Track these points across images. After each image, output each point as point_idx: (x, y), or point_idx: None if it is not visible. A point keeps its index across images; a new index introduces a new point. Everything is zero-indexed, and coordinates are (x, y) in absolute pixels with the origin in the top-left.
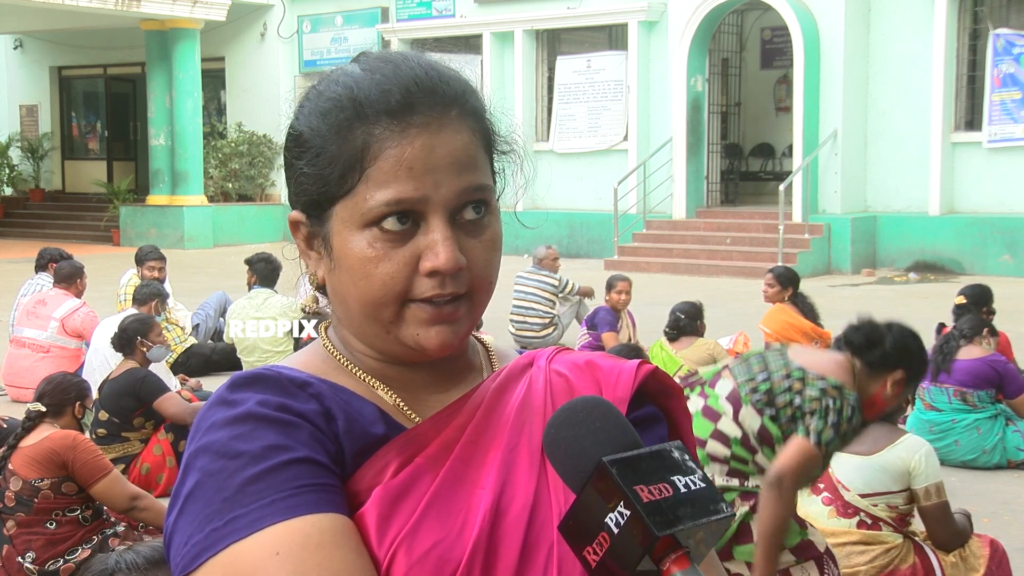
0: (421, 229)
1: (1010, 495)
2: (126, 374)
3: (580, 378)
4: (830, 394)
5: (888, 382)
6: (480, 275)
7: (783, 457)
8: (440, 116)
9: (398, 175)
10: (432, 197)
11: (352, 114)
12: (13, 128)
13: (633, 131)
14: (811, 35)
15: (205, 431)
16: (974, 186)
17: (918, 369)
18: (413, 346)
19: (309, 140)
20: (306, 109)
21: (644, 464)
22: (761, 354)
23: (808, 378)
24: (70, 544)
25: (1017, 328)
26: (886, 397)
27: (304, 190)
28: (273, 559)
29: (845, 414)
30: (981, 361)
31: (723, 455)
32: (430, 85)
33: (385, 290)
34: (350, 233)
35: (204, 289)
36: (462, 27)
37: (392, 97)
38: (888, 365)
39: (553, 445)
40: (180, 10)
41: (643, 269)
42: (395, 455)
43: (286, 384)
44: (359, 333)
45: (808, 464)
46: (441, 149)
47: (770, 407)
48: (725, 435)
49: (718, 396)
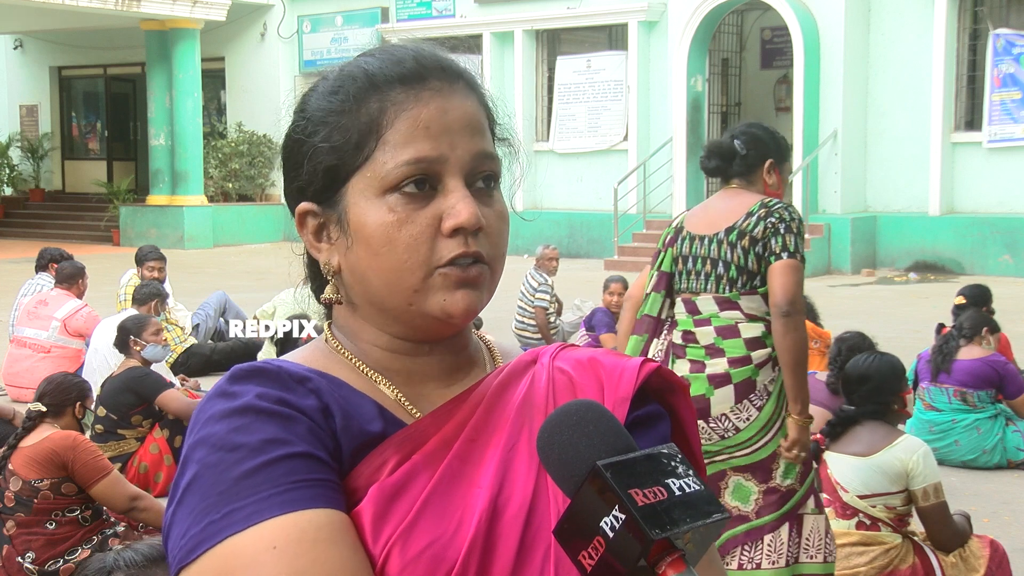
0: (439, 192)
1: (1010, 495)
2: (126, 372)
3: (583, 375)
4: (773, 211)
5: (764, 178)
6: (495, 242)
7: (776, 286)
8: (450, 84)
9: (415, 135)
10: (449, 157)
11: (365, 84)
12: (13, 128)
13: (633, 131)
14: (811, 35)
15: (204, 423)
16: (974, 186)
17: (776, 148)
18: (439, 314)
19: (322, 119)
20: (313, 96)
21: (638, 467)
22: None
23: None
24: (70, 544)
25: (1017, 328)
26: (774, 185)
27: (318, 167)
28: (270, 553)
29: (795, 215)
30: (981, 361)
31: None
32: (437, 59)
33: (409, 253)
34: (368, 203)
35: (204, 289)
36: (462, 27)
37: (405, 65)
38: (753, 164)
39: (547, 449)
40: (180, 10)
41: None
42: (393, 452)
43: (285, 378)
44: (376, 314)
45: (799, 277)
46: (454, 112)
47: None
48: None
49: None
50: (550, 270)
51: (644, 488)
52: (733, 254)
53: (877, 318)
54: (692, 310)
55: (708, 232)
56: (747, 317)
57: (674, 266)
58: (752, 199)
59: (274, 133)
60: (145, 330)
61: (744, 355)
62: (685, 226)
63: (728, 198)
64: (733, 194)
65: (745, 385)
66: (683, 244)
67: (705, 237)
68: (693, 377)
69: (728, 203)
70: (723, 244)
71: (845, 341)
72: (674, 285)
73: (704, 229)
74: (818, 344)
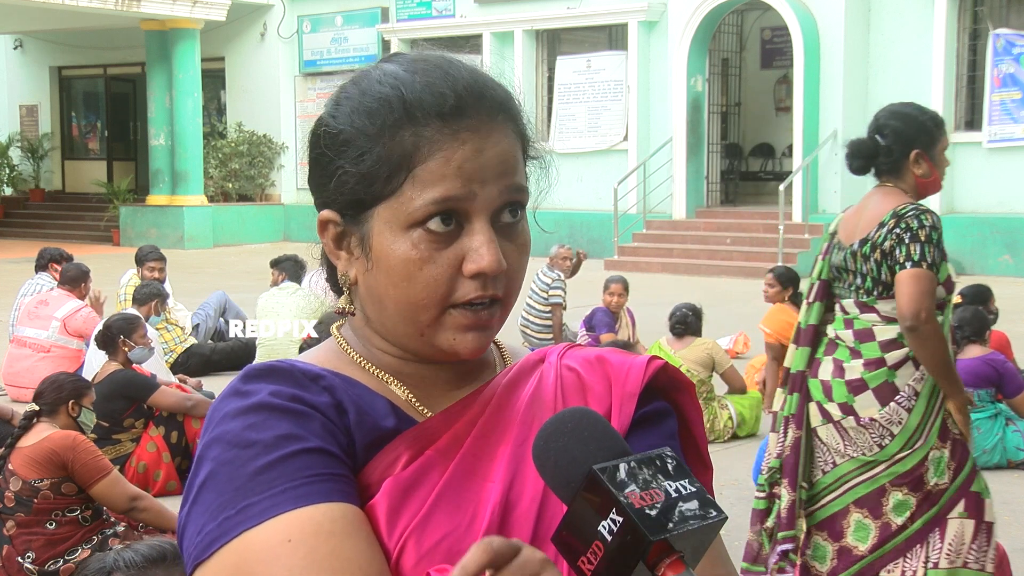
0: (465, 231)
1: (1010, 495)
2: (109, 378)
3: (591, 373)
4: (902, 220)
5: (912, 168)
6: (514, 279)
7: (900, 299)
8: (489, 120)
9: (446, 175)
10: (478, 195)
11: (402, 115)
12: (13, 128)
13: (633, 131)
14: (811, 35)
15: (219, 421)
16: (974, 186)
17: (922, 133)
18: (447, 350)
19: (353, 139)
20: (346, 107)
21: (634, 470)
22: None
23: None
24: (70, 544)
25: (1017, 328)
26: (925, 174)
27: (346, 189)
28: (285, 546)
29: (926, 221)
30: (980, 360)
31: None
32: (479, 90)
33: (428, 292)
34: (393, 235)
35: (204, 289)
36: (462, 27)
37: (446, 101)
38: (897, 159)
39: (543, 457)
40: (180, 10)
41: (643, 269)
42: (405, 448)
43: (299, 376)
44: (389, 333)
45: (924, 286)
46: (489, 152)
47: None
48: None
49: None
50: (564, 269)
51: (641, 490)
52: (867, 266)
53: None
54: (841, 311)
55: (847, 242)
56: (884, 320)
57: (830, 273)
58: (890, 204)
59: (274, 133)
60: (135, 332)
61: (878, 357)
62: (837, 232)
63: (876, 200)
64: (882, 195)
65: (885, 389)
66: (833, 253)
67: (846, 249)
68: (835, 383)
69: (874, 206)
70: (857, 256)
71: None
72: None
73: (846, 238)
74: None
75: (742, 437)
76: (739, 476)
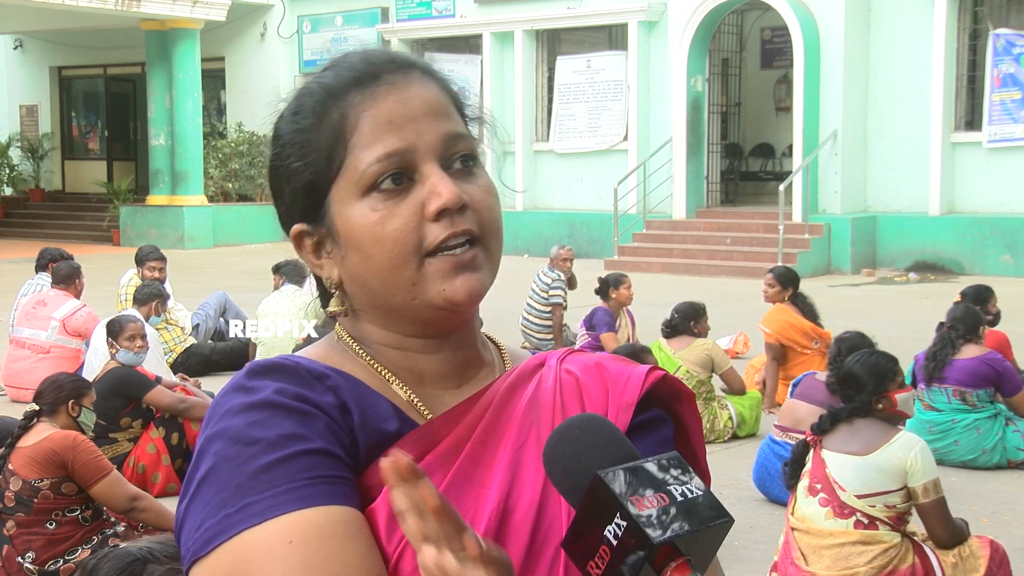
0: (417, 182)
1: (1010, 495)
2: (107, 376)
3: (589, 378)
4: None
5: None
6: (486, 216)
7: None
8: (405, 76)
9: (380, 132)
10: (418, 145)
11: (324, 97)
12: (13, 128)
13: (633, 131)
14: (811, 35)
15: (221, 417)
16: (974, 186)
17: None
18: (442, 303)
19: (292, 139)
20: (282, 121)
21: (640, 475)
22: None
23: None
24: (70, 544)
25: (1017, 328)
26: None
27: (299, 185)
28: (285, 547)
29: None
30: (978, 360)
31: None
32: (386, 54)
33: (398, 246)
34: (350, 208)
35: (204, 289)
36: (462, 27)
37: (356, 68)
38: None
39: (551, 464)
40: (180, 10)
41: (643, 269)
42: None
43: (304, 375)
44: (382, 316)
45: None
46: (413, 100)
47: None
48: None
49: None
50: (564, 269)
51: (646, 495)
52: None
53: (877, 318)
54: None
55: None
56: None
57: None
58: None
59: None
60: (121, 334)
61: None
62: None
63: None
64: None
65: None
66: None
67: None
68: None
69: None
70: None
71: (845, 341)
72: None
73: None
74: (818, 344)
75: (742, 437)
76: (739, 476)
